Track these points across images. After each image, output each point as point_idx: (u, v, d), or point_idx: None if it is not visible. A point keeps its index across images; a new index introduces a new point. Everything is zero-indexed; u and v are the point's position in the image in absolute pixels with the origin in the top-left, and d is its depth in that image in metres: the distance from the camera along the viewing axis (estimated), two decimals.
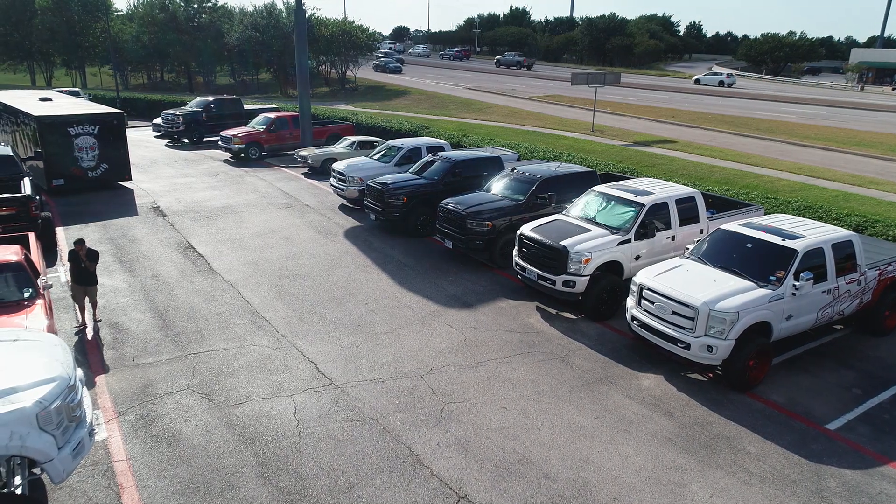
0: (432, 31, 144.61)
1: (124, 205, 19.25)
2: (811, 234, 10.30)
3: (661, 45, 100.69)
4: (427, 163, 17.72)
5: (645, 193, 12.49)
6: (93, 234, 16.32)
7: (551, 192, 14.45)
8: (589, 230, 11.98)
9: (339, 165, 19.43)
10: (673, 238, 12.49)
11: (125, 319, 11.43)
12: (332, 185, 19.68)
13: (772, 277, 9.63)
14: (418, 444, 8.03)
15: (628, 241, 11.84)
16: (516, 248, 12.69)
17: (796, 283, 9.51)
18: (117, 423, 8.40)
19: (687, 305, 9.35)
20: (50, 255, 14.45)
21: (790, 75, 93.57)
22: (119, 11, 68.35)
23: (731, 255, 10.30)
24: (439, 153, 18.22)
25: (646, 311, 10.07)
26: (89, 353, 10.24)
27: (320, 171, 23.54)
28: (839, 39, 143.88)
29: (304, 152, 24.32)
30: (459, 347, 10.65)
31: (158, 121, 32.44)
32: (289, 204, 19.73)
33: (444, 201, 14.98)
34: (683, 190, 13.00)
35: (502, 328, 11.44)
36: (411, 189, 16.50)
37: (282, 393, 9.14)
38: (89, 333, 10.84)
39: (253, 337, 10.86)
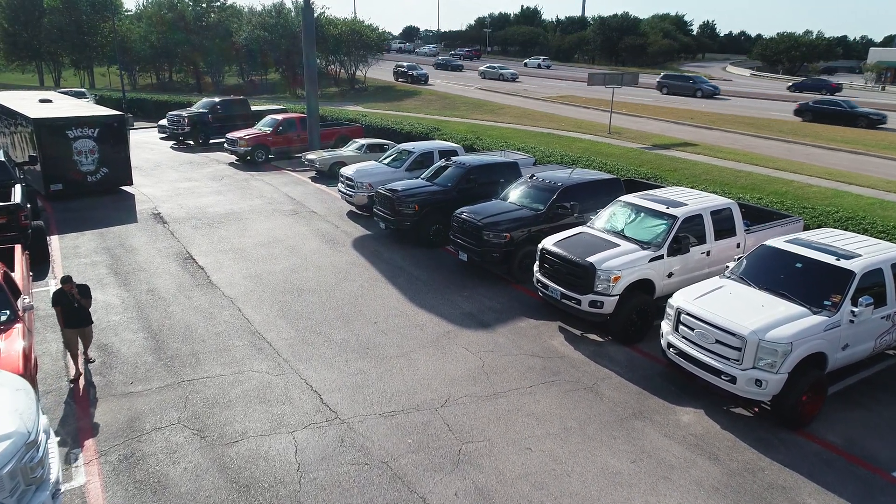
0: (442, 30, 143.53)
1: (124, 211, 18.48)
2: (867, 252, 9.30)
3: (676, 44, 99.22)
4: (440, 168, 16.82)
5: (677, 205, 11.51)
6: (89, 242, 15.54)
7: (573, 202, 13.50)
8: (617, 245, 11.02)
9: (347, 170, 18.56)
10: (708, 253, 11.51)
11: (115, 340, 10.60)
12: (339, 190, 18.81)
13: (826, 302, 8.64)
14: (433, 494, 7.12)
15: (660, 257, 10.87)
16: (537, 263, 11.75)
17: (854, 310, 8.52)
18: (98, 464, 7.54)
19: (733, 334, 8.37)
20: (41, 268, 13.67)
21: (807, 75, 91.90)
22: (129, 11, 68.02)
23: (779, 275, 9.32)
24: (452, 158, 17.30)
25: (684, 337, 9.11)
26: (73, 380, 9.39)
27: (328, 174, 22.68)
28: (854, 39, 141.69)
29: (311, 155, 23.48)
30: (477, 375, 9.73)
31: (164, 122, 31.79)
32: (295, 210, 18.88)
33: (458, 210, 14.07)
34: (718, 200, 12.01)
35: (523, 352, 10.51)
36: (423, 196, 15.59)
37: (282, 429, 8.26)
38: (81, 381, 9.36)
39: (252, 361, 9.99)
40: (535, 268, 11.82)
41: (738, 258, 10.23)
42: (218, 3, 63.14)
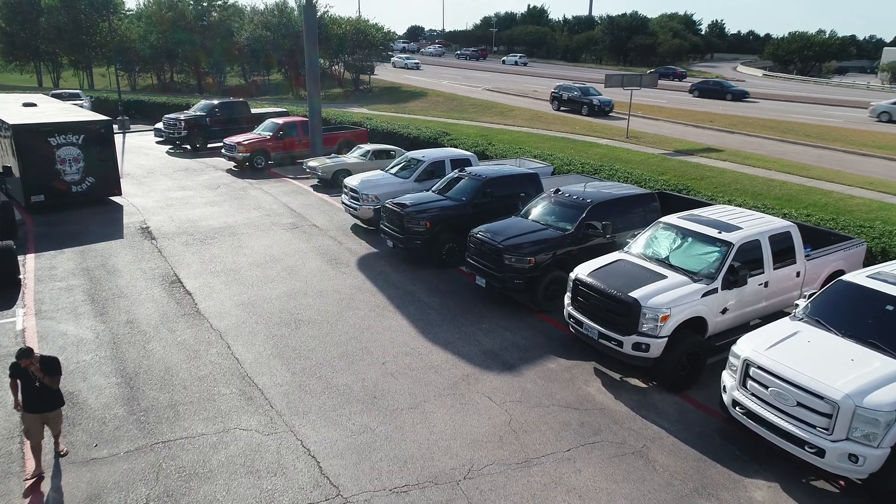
0: (447, 30, 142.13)
1: (109, 225, 17.05)
2: None
3: (686, 44, 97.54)
4: (452, 180, 15.35)
5: (731, 228, 10.01)
6: (67, 262, 14.13)
7: (606, 221, 12.00)
8: (663, 276, 9.52)
9: (351, 181, 17.10)
10: (766, 284, 10.00)
11: (84, 387, 9.15)
12: (343, 202, 17.37)
13: None
14: None
15: (714, 290, 9.36)
16: (569, 295, 10.26)
17: None
18: None
19: (820, 397, 6.88)
20: (9, 294, 12.25)
21: (820, 75, 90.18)
22: (130, 11, 66.66)
23: (865, 319, 7.82)
24: (466, 168, 15.82)
25: (754, 395, 7.62)
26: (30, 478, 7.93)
27: (331, 183, 21.25)
28: (864, 38, 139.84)
29: (313, 163, 22.02)
30: (504, 434, 8.26)
31: (160, 125, 30.42)
32: (294, 224, 17.43)
33: (474, 230, 12.61)
34: (776, 223, 10.49)
35: (555, 402, 9.03)
36: (435, 212, 14.12)
37: None
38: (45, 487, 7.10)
39: (240, 416, 8.54)
40: (567, 300, 10.33)
41: (810, 295, 8.73)
42: (219, 2, 61.74)
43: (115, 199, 19.42)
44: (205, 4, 60.61)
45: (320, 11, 51.05)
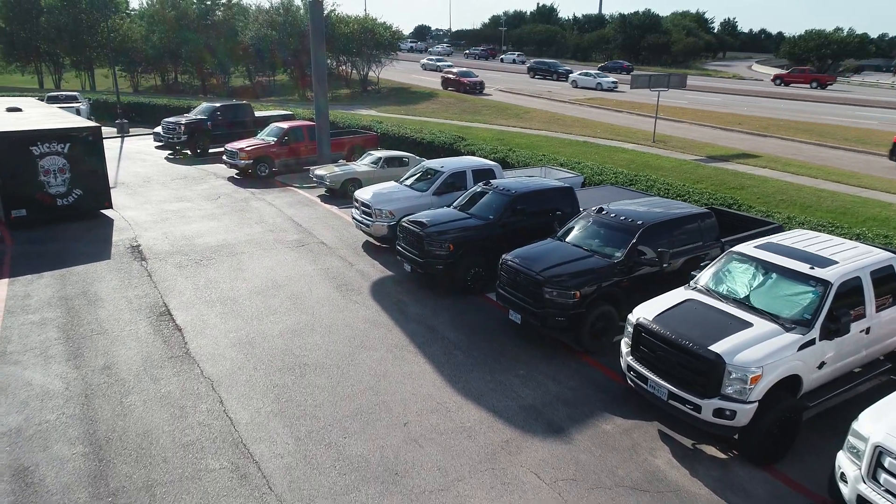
0: (454, 29, 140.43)
1: (96, 243, 15.47)
2: None
3: (700, 42, 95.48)
4: (476, 194, 13.69)
5: (824, 262, 8.30)
6: (45, 289, 12.54)
7: (661, 247, 10.31)
8: (748, 324, 7.81)
9: (362, 194, 15.45)
10: (867, 330, 8.29)
11: (42, 459, 7.53)
12: (353, 217, 15.72)
13: None
14: None
15: (811, 341, 7.65)
16: (629, 342, 8.56)
17: None
18: None
19: None
20: None
21: (840, 74, 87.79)
22: (133, 11, 65.25)
23: None
24: (491, 181, 14.14)
25: (890, 493, 5.91)
26: None
27: (340, 192, 19.64)
28: (877, 36, 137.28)
29: (320, 171, 20.37)
30: None
31: (159, 129, 28.88)
32: (300, 241, 15.80)
33: (506, 256, 10.93)
34: (875, 254, 8.76)
35: (618, 481, 7.34)
36: (458, 233, 12.46)
37: None
38: None
39: (231, 502, 6.89)
40: (624, 348, 8.64)
41: None
42: (223, 1, 60.25)
43: (106, 212, 17.87)
44: (208, 3, 59.14)
45: (327, 10, 49.54)
